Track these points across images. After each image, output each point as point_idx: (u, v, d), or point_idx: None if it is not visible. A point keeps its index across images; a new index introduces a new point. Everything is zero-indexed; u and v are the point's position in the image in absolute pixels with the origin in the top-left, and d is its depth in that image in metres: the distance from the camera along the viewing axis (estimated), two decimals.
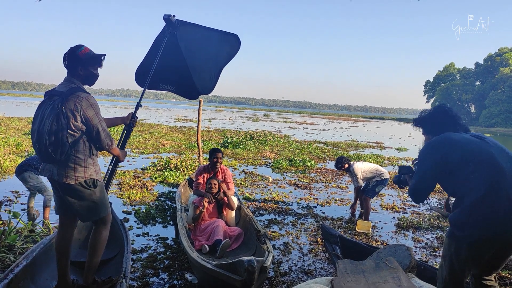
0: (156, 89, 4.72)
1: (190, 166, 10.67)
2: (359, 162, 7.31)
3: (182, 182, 7.99)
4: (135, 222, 6.15)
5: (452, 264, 2.70)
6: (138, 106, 4.11)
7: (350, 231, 6.31)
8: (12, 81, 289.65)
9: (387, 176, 7.04)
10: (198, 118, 10.05)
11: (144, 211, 6.50)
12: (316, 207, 7.76)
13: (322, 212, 7.45)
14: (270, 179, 10.23)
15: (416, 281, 1.94)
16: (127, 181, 8.80)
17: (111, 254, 4.07)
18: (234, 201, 5.81)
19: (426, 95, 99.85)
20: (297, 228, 6.36)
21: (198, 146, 10.21)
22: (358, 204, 7.35)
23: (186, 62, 4.48)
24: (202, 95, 5.65)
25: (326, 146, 20.68)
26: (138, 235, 5.54)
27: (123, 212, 6.61)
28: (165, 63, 4.34)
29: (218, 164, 5.99)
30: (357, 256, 3.82)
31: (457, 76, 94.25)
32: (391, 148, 22.26)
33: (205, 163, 7.44)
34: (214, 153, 5.98)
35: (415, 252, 5.60)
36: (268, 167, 12.51)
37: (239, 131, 26.00)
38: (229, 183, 5.97)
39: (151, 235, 5.58)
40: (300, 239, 5.81)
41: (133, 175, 9.61)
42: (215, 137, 21.14)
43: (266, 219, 6.71)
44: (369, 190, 7.05)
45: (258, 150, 16.72)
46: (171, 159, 11.10)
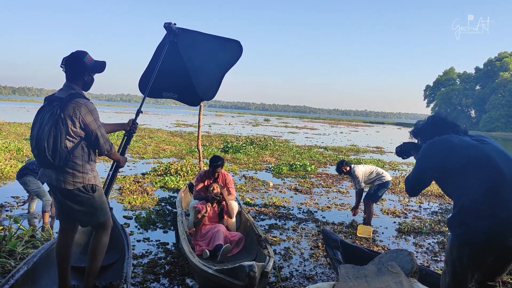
0: (159, 97, 4.74)
1: (190, 171, 10.67)
2: (360, 165, 7.32)
3: (182, 187, 7.98)
4: (136, 227, 6.14)
5: (455, 269, 2.69)
6: (139, 112, 4.12)
7: (351, 236, 6.30)
8: (12, 86, 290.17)
9: (389, 178, 7.02)
10: (198, 123, 10.05)
11: (144, 216, 6.49)
12: (316, 212, 7.75)
13: (323, 217, 7.44)
14: (271, 184, 10.23)
15: (418, 286, 1.93)
16: (128, 186, 8.80)
17: (112, 260, 4.06)
18: (235, 206, 5.81)
19: (426, 100, 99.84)
20: (297, 233, 6.34)
21: (199, 151, 10.20)
22: (361, 208, 7.32)
23: (187, 69, 4.50)
24: (202, 101, 5.67)
25: (327, 150, 20.67)
26: (138, 240, 5.53)
27: (124, 217, 6.60)
28: (167, 71, 4.36)
29: (218, 172, 5.98)
30: (358, 261, 3.81)
31: (457, 80, 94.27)
32: (392, 152, 22.22)
33: (205, 168, 7.44)
34: (215, 163, 5.92)
35: (417, 257, 5.58)
36: (268, 172, 12.51)
37: (239, 136, 26.01)
38: (230, 188, 5.97)
39: (152, 240, 5.57)
40: (301, 244, 5.80)
41: (133, 180, 9.61)
42: (215, 142, 21.14)
43: (266, 224, 6.70)
44: (371, 194, 7.03)
45: (258, 155, 16.72)
46: (172, 164, 11.10)
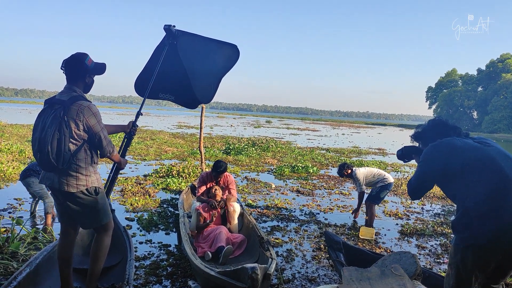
0: (155, 98, 4.73)
1: (192, 173, 10.67)
2: (362, 167, 7.31)
3: (184, 189, 7.99)
4: (138, 229, 6.14)
5: (458, 272, 2.68)
6: (139, 114, 4.13)
7: (353, 238, 6.29)
8: (15, 88, 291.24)
9: (391, 180, 7.01)
10: (200, 125, 10.07)
11: (146, 218, 6.50)
12: (319, 214, 7.74)
13: (325, 218, 7.43)
14: (273, 186, 10.22)
15: (421, 287, 1.92)
16: (130, 187, 8.80)
17: (114, 261, 4.06)
18: (237, 208, 5.81)
19: (428, 101, 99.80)
20: (300, 235, 6.33)
21: (201, 152, 10.22)
22: (362, 210, 7.32)
23: (186, 71, 4.52)
24: (200, 104, 5.68)
25: (329, 152, 20.66)
26: (141, 242, 5.53)
27: (126, 219, 6.60)
28: (165, 73, 4.37)
29: (221, 177, 5.98)
30: (361, 263, 3.80)
31: (459, 82, 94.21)
32: (394, 154, 22.19)
33: (207, 170, 7.44)
34: (218, 169, 5.90)
35: (419, 259, 5.56)
36: (270, 174, 12.50)
37: (241, 138, 26.02)
38: (231, 190, 5.97)
39: (154, 242, 5.57)
40: (303, 246, 5.79)
41: (135, 182, 9.61)
42: (217, 143, 21.16)
43: (269, 226, 6.69)
44: (373, 196, 7.03)
45: (260, 156, 16.71)
46: (173, 166, 11.10)
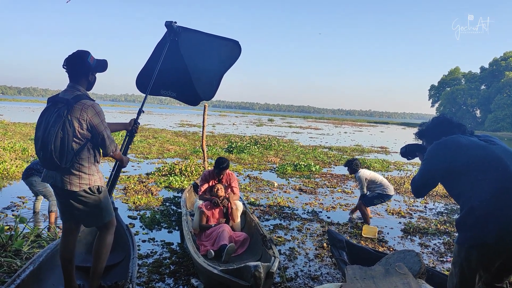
0: (157, 95, 4.74)
1: (195, 171, 10.68)
2: (366, 170, 7.31)
3: (187, 187, 7.99)
4: (141, 227, 6.15)
5: (462, 271, 2.66)
6: (140, 112, 4.13)
7: (356, 236, 6.28)
8: (18, 87, 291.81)
9: (391, 193, 7.03)
10: (203, 123, 10.05)
11: (149, 216, 6.50)
12: (321, 212, 7.73)
13: (328, 217, 7.42)
14: (275, 184, 10.22)
15: (426, 287, 1.91)
16: (132, 186, 8.81)
17: (117, 259, 4.06)
18: (240, 206, 5.81)
19: (430, 100, 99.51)
20: (302, 233, 6.33)
21: (203, 151, 10.20)
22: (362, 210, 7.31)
23: (187, 68, 4.51)
24: (205, 101, 5.68)
25: (331, 151, 20.63)
26: (144, 240, 5.53)
27: (129, 217, 6.61)
28: (166, 69, 4.37)
29: (223, 174, 5.98)
30: (364, 261, 3.79)
31: (462, 80, 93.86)
32: (396, 152, 22.16)
33: (209, 168, 7.43)
34: (220, 166, 5.89)
35: (423, 257, 5.55)
36: (273, 172, 12.50)
37: (244, 136, 26.02)
38: (234, 188, 5.97)
39: (157, 240, 5.57)
40: (305, 244, 5.79)
41: (137, 180, 9.62)
42: (220, 142, 21.15)
43: (271, 224, 6.69)
44: (367, 197, 7.09)
45: (262, 155, 16.71)
46: (176, 164, 11.11)
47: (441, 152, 2.78)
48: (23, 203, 7.02)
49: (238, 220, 5.73)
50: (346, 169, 7.56)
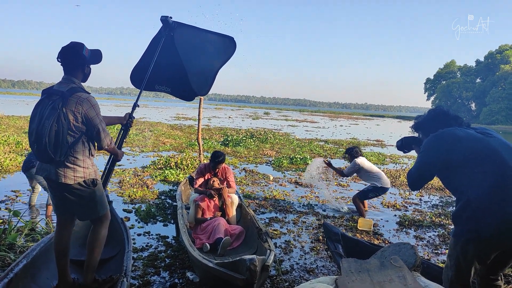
0: (151, 90, 4.69)
1: (190, 164, 10.65)
2: (366, 160, 7.32)
3: (182, 180, 7.97)
4: (136, 220, 6.13)
5: (458, 263, 2.67)
6: (135, 106, 4.09)
7: (351, 229, 6.29)
8: (12, 79, 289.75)
9: (386, 186, 7.04)
10: (198, 116, 10.01)
11: (144, 210, 6.48)
12: (317, 205, 7.74)
13: (323, 210, 7.43)
14: (271, 178, 10.21)
15: (421, 280, 1.91)
16: (128, 179, 8.78)
17: (112, 253, 4.04)
18: (235, 199, 5.80)
19: (426, 93, 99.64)
20: (298, 226, 6.33)
21: (199, 144, 10.17)
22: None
23: (182, 63, 4.49)
24: (196, 96, 5.64)
25: (327, 144, 20.64)
26: (139, 234, 5.51)
27: (124, 210, 6.59)
28: (161, 64, 4.33)
29: (219, 168, 5.96)
30: (359, 254, 3.79)
31: (457, 73, 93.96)
32: (392, 146, 22.20)
33: (205, 161, 7.40)
34: (216, 159, 5.87)
35: (418, 250, 5.57)
36: (269, 165, 12.48)
37: (239, 129, 25.98)
38: (230, 181, 5.95)
39: (152, 234, 5.55)
40: (301, 237, 5.79)
41: (133, 173, 9.59)
42: (215, 135, 21.11)
43: (267, 217, 6.68)
44: (362, 191, 7.16)
45: (258, 148, 16.69)
46: (172, 158, 11.08)
47: (437, 144, 2.77)
48: (17, 197, 6.97)
49: (234, 213, 5.72)
50: (344, 159, 7.58)
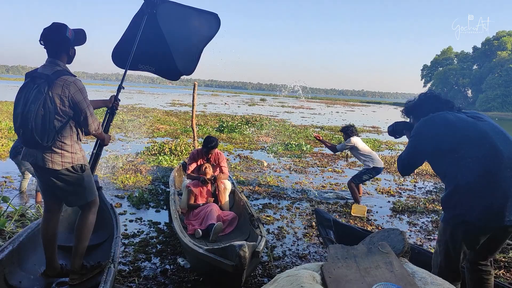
0: (135, 69, 4.53)
1: (185, 151, 10.60)
2: (359, 139, 7.21)
3: (176, 166, 7.92)
4: (129, 206, 6.09)
5: (447, 249, 2.64)
6: (120, 88, 3.99)
7: (345, 215, 6.28)
8: (6, 65, 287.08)
9: (379, 166, 6.93)
10: (192, 102, 9.91)
11: (137, 196, 6.42)
12: (311, 191, 7.71)
13: (317, 196, 7.40)
14: (265, 164, 10.17)
15: (409, 266, 1.87)
16: (121, 165, 8.72)
17: (101, 239, 4.00)
18: (228, 185, 5.75)
19: (423, 80, 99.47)
20: (291, 212, 6.31)
21: (193, 130, 10.09)
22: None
23: (166, 41, 4.36)
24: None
25: (323, 130, 20.61)
26: (131, 220, 5.48)
27: (116, 196, 6.54)
28: (144, 43, 4.20)
29: (212, 153, 5.89)
30: (351, 240, 3.76)
31: (454, 60, 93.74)
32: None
33: (198, 148, 7.34)
34: (209, 144, 5.78)
35: (410, 236, 5.57)
36: (264, 152, 12.44)
37: (235, 116, 25.87)
38: (222, 167, 5.89)
39: (144, 220, 5.52)
40: (294, 224, 5.77)
41: (126, 159, 9.52)
42: (211, 121, 21.01)
43: (260, 204, 6.66)
44: (356, 175, 7.07)
45: (254, 134, 16.63)
46: (166, 144, 11.01)
47: (428, 129, 2.71)
48: (8, 182, 6.91)
49: (227, 199, 5.68)
50: (344, 134, 7.47)
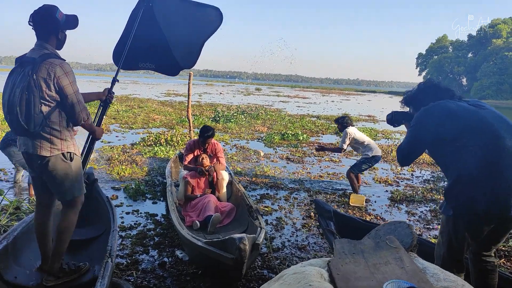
0: (135, 68, 4.35)
1: (181, 141, 10.52)
2: (356, 129, 7.13)
3: (172, 157, 7.84)
4: (125, 198, 6.02)
5: (450, 240, 2.60)
6: (115, 81, 3.82)
7: (343, 205, 6.24)
8: None
9: (377, 154, 6.86)
10: (188, 92, 9.82)
11: (133, 187, 6.34)
12: (308, 181, 7.67)
13: (315, 186, 7.36)
14: (262, 154, 10.10)
15: (419, 261, 1.82)
16: (116, 156, 8.63)
17: (97, 233, 3.92)
18: (225, 176, 5.69)
19: (418, 68, 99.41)
20: (290, 202, 6.27)
21: (189, 120, 10.01)
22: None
23: (164, 36, 4.17)
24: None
25: (319, 119, 20.55)
26: (127, 213, 5.40)
27: (112, 188, 6.47)
28: (142, 39, 4.03)
29: (208, 143, 5.81)
30: (352, 231, 3.72)
31: (449, 48, 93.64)
32: (384, 121, 22.17)
33: (195, 138, 7.26)
34: (205, 133, 5.70)
35: (414, 229, 5.54)
36: (260, 142, 12.38)
37: (230, 105, 25.74)
38: (219, 158, 5.83)
39: (141, 212, 5.45)
40: (293, 214, 5.73)
41: (121, 151, 9.42)
42: (206, 111, 20.88)
43: (258, 194, 6.61)
44: (355, 165, 6.98)
45: (250, 124, 16.54)
46: (161, 134, 10.92)
47: (429, 118, 2.64)
48: (2, 174, 6.80)
49: (224, 190, 5.62)
50: (336, 135, 7.43)
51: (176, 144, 10.33)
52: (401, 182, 8.07)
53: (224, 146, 10.84)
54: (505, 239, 2.74)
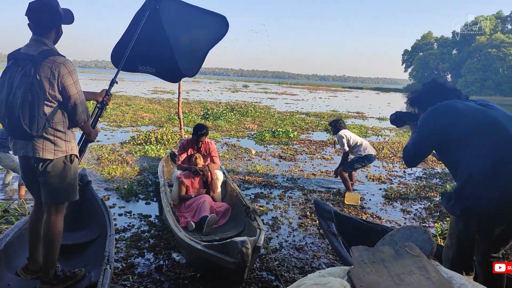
0: (135, 71, 4.20)
1: (171, 139, 10.38)
2: (347, 130, 7.14)
3: (163, 156, 7.71)
4: (117, 199, 5.89)
5: (459, 242, 2.56)
6: (113, 82, 3.69)
7: (338, 204, 6.20)
8: None
9: (371, 153, 6.86)
10: (178, 90, 9.66)
11: (125, 188, 6.21)
12: (301, 179, 7.61)
13: (309, 184, 7.31)
14: (253, 152, 10.02)
15: (442, 269, 1.75)
16: (106, 155, 8.46)
17: (93, 236, 3.80)
18: (220, 176, 5.60)
19: (404, 65, 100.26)
20: (284, 201, 6.20)
21: (179, 118, 9.87)
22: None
23: (169, 41, 4.04)
24: (184, 77, 5.23)
25: (309, 116, 20.52)
26: (120, 214, 5.28)
27: (105, 189, 6.33)
28: (145, 42, 3.89)
29: (202, 142, 5.70)
30: (353, 232, 3.67)
31: (434, 45, 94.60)
32: (373, 117, 22.29)
33: (186, 137, 7.15)
34: (199, 132, 5.59)
35: (404, 223, 5.53)
36: (251, 139, 12.29)
37: (219, 103, 25.58)
38: (214, 157, 5.74)
39: (134, 213, 5.32)
40: (288, 213, 5.67)
41: (111, 150, 9.25)
42: (195, 109, 20.69)
43: (252, 193, 6.53)
44: (348, 163, 6.97)
45: (239, 121, 16.44)
46: (151, 133, 10.76)
47: (437, 118, 2.60)
48: None
49: (219, 190, 5.54)
50: (327, 132, 7.41)
51: (166, 142, 10.19)
52: (394, 179, 8.07)
53: (215, 144, 10.71)
54: None
